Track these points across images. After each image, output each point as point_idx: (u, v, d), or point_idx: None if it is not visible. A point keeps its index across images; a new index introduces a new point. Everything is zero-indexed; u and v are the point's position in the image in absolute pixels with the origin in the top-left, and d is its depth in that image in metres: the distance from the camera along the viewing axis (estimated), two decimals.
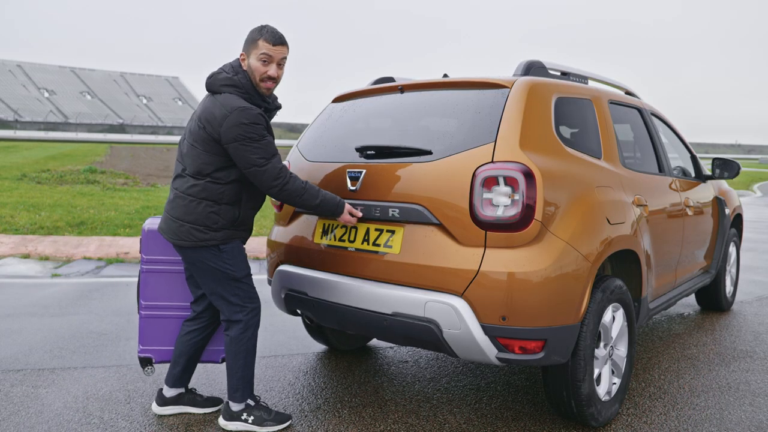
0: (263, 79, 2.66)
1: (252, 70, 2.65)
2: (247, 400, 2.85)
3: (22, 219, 8.75)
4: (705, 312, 5.13)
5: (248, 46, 2.67)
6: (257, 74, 2.65)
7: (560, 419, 3.00)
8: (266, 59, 2.64)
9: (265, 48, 2.62)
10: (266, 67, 2.65)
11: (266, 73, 2.65)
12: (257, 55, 2.63)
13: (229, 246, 2.74)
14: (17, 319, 4.57)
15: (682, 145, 4.55)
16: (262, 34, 2.63)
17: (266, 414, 2.84)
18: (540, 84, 2.88)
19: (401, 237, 2.74)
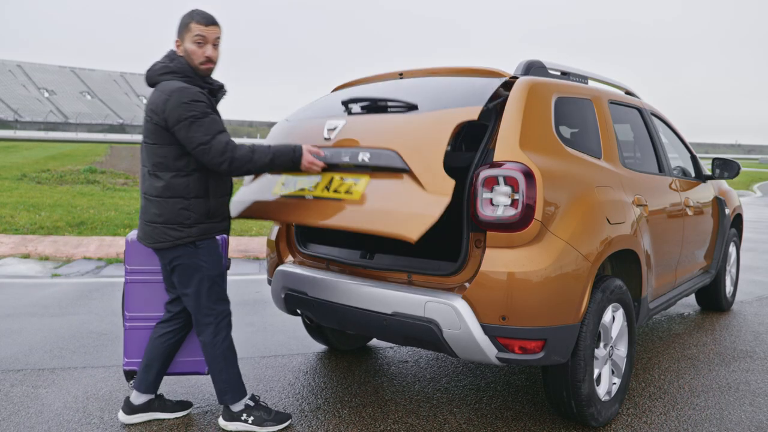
0: (202, 61, 2.65)
1: (189, 54, 2.64)
2: (243, 400, 2.83)
3: (22, 219, 8.75)
4: (705, 312, 5.13)
5: (181, 31, 2.67)
6: (195, 57, 2.64)
7: (560, 419, 3.00)
8: (201, 41, 2.63)
9: (198, 30, 2.63)
10: (202, 48, 2.64)
11: (204, 55, 2.64)
12: (192, 38, 2.63)
13: (206, 242, 2.71)
14: (17, 319, 4.57)
15: (682, 145, 4.55)
16: (193, 17, 2.64)
17: (266, 414, 2.83)
18: (540, 84, 2.88)
19: (365, 185, 2.65)
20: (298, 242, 3.28)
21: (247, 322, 4.60)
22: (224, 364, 2.80)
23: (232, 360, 2.83)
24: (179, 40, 2.68)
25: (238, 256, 7.15)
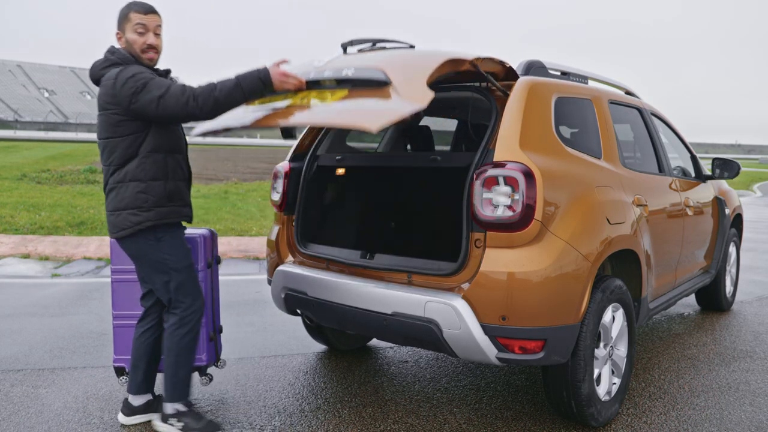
0: (144, 50, 2.62)
1: (131, 44, 2.62)
2: (177, 404, 2.74)
3: (22, 219, 8.75)
4: (705, 312, 5.13)
5: (122, 23, 2.64)
6: (137, 47, 2.61)
7: (560, 419, 3.00)
8: (142, 29, 2.61)
9: (137, 18, 2.61)
10: (143, 37, 2.61)
11: (145, 43, 2.62)
12: (132, 28, 2.61)
13: (167, 234, 2.67)
14: (17, 319, 4.57)
15: (682, 145, 4.55)
16: (131, 8, 2.63)
17: (195, 422, 2.72)
18: (540, 84, 2.88)
19: (342, 95, 2.56)
20: (298, 242, 3.29)
21: (247, 322, 4.60)
22: (175, 360, 2.73)
23: (186, 359, 2.74)
24: (120, 32, 2.65)
25: (238, 256, 7.15)
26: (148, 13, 2.63)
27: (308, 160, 3.41)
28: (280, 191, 3.40)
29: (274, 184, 3.48)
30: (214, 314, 3.16)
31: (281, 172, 3.41)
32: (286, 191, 3.37)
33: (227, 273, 6.43)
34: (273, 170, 3.51)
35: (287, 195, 3.37)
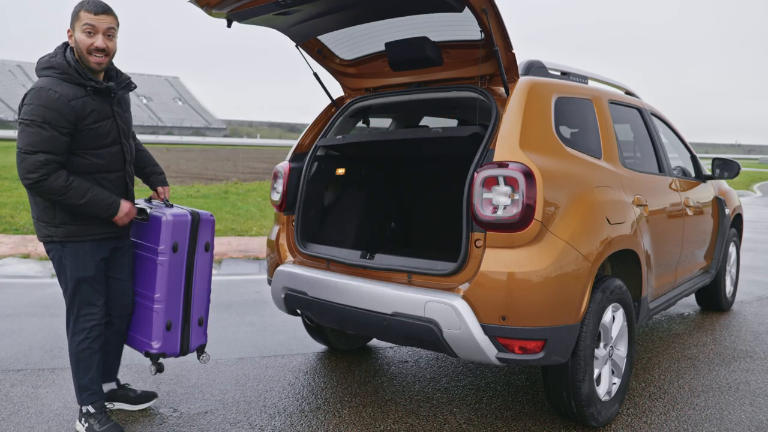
0: (90, 51, 2.49)
1: (78, 44, 2.49)
2: (87, 405, 2.74)
3: (22, 219, 8.75)
4: (705, 312, 5.13)
5: (72, 20, 2.51)
6: (83, 47, 2.48)
7: (560, 419, 3.00)
8: (90, 30, 2.47)
9: (87, 18, 2.46)
10: (91, 38, 2.48)
11: (93, 45, 2.48)
12: (80, 27, 2.47)
13: (74, 244, 2.61)
14: (17, 319, 4.57)
15: (682, 145, 4.55)
16: (82, 6, 2.49)
17: (98, 425, 2.70)
18: (540, 84, 2.88)
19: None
20: (298, 242, 3.29)
21: (247, 322, 4.60)
22: (74, 365, 2.73)
23: (83, 365, 2.71)
24: (70, 30, 2.52)
25: (238, 256, 7.15)
26: (100, 14, 2.49)
27: (308, 160, 3.41)
28: (280, 191, 3.40)
29: (274, 184, 3.48)
30: (188, 303, 2.89)
31: (281, 172, 3.42)
32: (286, 191, 3.37)
33: (227, 273, 6.43)
34: (273, 170, 3.51)
35: (287, 195, 3.37)
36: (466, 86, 3.02)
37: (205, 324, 3.01)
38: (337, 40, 3.35)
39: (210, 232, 2.94)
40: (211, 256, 2.98)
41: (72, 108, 2.46)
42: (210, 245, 2.94)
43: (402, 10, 2.94)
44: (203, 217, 2.89)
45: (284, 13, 2.87)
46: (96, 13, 2.48)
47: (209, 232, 2.93)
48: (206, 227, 2.91)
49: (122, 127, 2.69)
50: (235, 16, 2.85)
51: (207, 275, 2.97)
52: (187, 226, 2.82)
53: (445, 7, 2.74)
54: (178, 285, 2.84)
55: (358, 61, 3.46)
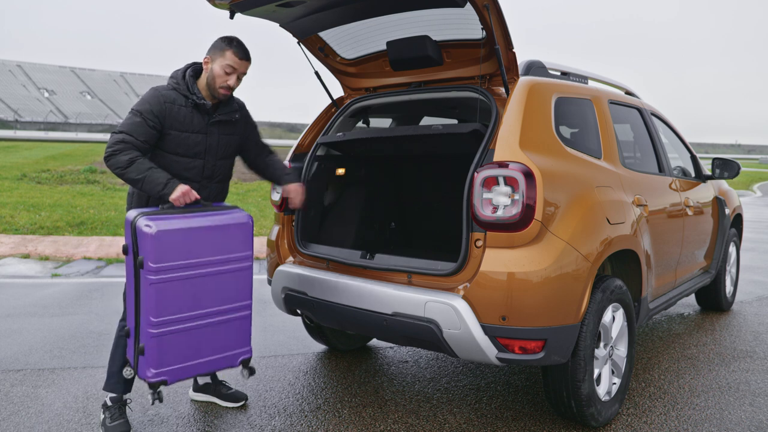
0: (222, 86, 2.74)
1: (213, 76, 2.73)
2: (107, 396, 2.83)
3: (22, 219, 8.75)
4: (705, 312, 5.13)
5: (215, 53, 2.74)
6: (218, 81, 2.73)
7: (560, 419, 3.00)
8: (230, 71, 2.73)
9: (231, 60, 2.72)
10: (228, 77, 2.73)
11: (227, 83, 2.73)
12: (222, 65, 2.72)
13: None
14: (17, 319, 4.57)
15: (682, 145, 4.55)
16: (232, 46, 2.73)
17: (110, 419, 2.78)
18: (540, 84, 2.88)
19: None
20: (298, 242, 3.29)
21: None
22: (113, 349, 2.85)
23: (119, 352, 2.82)
24: (209, 58, 2.75)
25: None
26: (243, 60, 2.74)
27: (308, 160, 3.41)
28: (280, 191, 3.40)
29: (274, 185, 3.48)
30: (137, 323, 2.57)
31: None
32: None
33: None
34: None
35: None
36: (466, 86, 3.02)
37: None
38: (339, 38, 3.35)
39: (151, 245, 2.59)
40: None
41: (164, 107, 2.67)
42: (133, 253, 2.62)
43: (405, 6, 2.94)
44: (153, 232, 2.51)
45: (286, 5, 2.88)
46: (241, 58, 2.74)
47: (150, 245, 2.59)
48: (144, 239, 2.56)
49: (212, 146, 2.82)
50: (237, 6, 2.87)
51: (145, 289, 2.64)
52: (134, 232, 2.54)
53: (447, 3, 2.74)
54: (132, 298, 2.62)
55: (358, 60, 3.46)
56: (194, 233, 2.57)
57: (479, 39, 2.83)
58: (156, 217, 2.51)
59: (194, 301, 2.60)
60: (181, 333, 2.57)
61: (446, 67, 3.15)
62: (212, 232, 2.62)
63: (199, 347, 2.63)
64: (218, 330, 2.68)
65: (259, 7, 2.89)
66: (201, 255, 2.59)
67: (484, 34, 2.76)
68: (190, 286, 2.57)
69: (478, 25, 2.70)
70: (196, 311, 2.61)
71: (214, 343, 2.68)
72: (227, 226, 2.66)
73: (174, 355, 2.56)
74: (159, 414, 3.00)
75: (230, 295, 2.70)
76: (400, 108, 3.91)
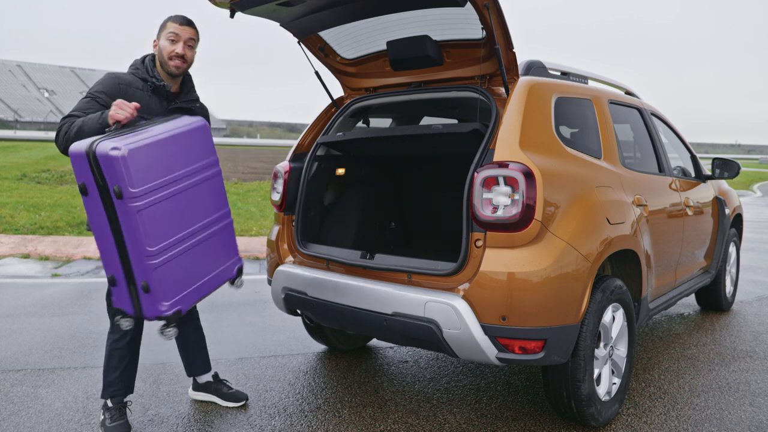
0: (171, 57, 2.76)
1: (161, 50, 2.77)
2: (108, 398, 2.82)
3: (22, 219, 8.75)
4: (705, 312, 5.13)
5: (159, 31, 2.81)
6: (165, 53, 2.76)
7: (560, 419, 3.00)
8: (174, 38, 2.76)
9: (172, 28, 2.76)
10: (174, 45, 2.75)
11: (174, 51, 2.75)
12: (165, 35, 2.77)
13: None
14: (17, 319, 4.57)
15: (682, 145, 4.55)
16: (170, 18, 2.80)
17: (109, 420, 2.78)
18: (540, 84, 2.88)
19: None
20: (298, 242, 3.29)
21: (247, 322, 4.60)
22: (105, 360, 2.84)
23: (112, 364, 2.80)
24: (156, 39, 2.82)
25: None
26: (184, 25, 2.78)
27: (308, 160, 3.41)
28: (280, 191, 3.40)
29: (274, 184, 3.48)
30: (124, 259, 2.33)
31: (281, 172, 3.42)
32: (286, 191, 3.37)
33: None
34: (273, 170, 3.51)
35: (287, 195, 3.37)
36: (466, 86, 3.02)
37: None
38: (339, 38, 3.35)
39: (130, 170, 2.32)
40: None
41: (118, 88, 2.68)
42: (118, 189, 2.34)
43: (405, 6, 2.94)
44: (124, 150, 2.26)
45: (287, 4, 2.89)
46: (181, 24, 2.78)
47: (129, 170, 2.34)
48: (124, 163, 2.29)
49: None
50: (238, 5, 2.88)
51: (130, 224, 2.39)
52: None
53: (447, 2, 2.74)
54: (106, 234, 2.38)
55: (358, 60, 3.46)
56: (164, 145, 2.35)
57: (479, 39, 2.83)
58: (116, 137, 2.23)
59: (183, 219, 2.42)
60: (181, 256, 2.41)
61: (446, 67, 3.15)
62: (179, 141, 2.42)
63: (198, 267, 2.51)
64: (210, 245, 2.55)
65: (260, 6, 2.89)
66: (176, 168, 2.39)
67: (484, 34, 2.76)
68: (176, 204, 2.38)
69: (478, 24, 2.70)
70: (187, 229, 2.44)
71: (209, 259, 2.56)
72: (191, 131, 2.48)
73: (180, 281, 2.42)
74: (159, 414, 3.00)
75: (211, 205, 2.57)
76: (400, 108, 3.91)
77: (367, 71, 3.48)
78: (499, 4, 2.56)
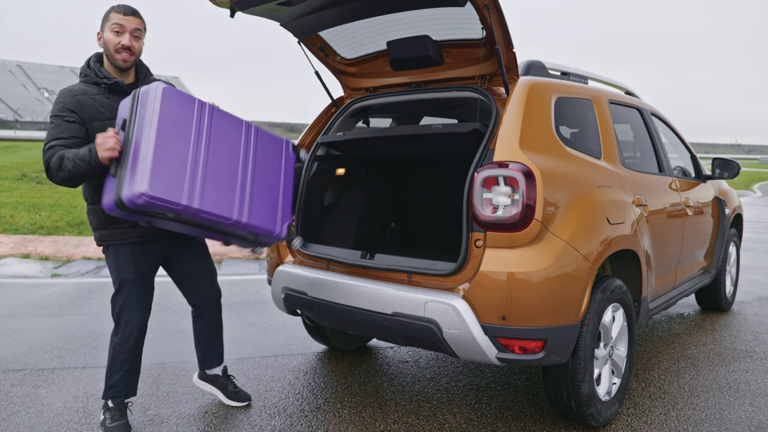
0: (117, 50, 2.63)
1: (106, 43, 2.64)
2: (109, 399, 2.80)
3: (22, 219, 8.75)
4: (705, 312, 5.13)
5: (102, 23, 2.67)
6: (111, 46, 2.63)
7: (560, 419, 3.00)
8: (118, 29, 2.62)
9: (116, 18, 2.62)
10: (119, 37, 2.62)
11: (120, 43, 2.62)
12: (109, 27, 2.63)
13: (113, 247, 2.69)
14: (17, 319, 4.57)
15: (682, 145, 4.55)
16: (113, 8, 2.65)
17: (110, 420, 2.77)
18: (540, 84, 2.88)
19: None
20: None
21: (247, 322, 4.60)
22: (108, 362, 2.80)
23: (115, 366, 2.77)
24: (100, 32, 2.67)
25: (238, 256, 7.15)
26: (128, 15, 2.64)
27: (308, 160, 3.41)
28: None
29: None
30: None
31: None
32: None
33: (227, 273, 6.43)
34: None
35: None
36: (466, 86, 3.02)
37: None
38: (339, 38, 3.35)
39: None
40: None
41: (75, 99, 2.57)
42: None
43: (405, 5, 2.94)
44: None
45: (287, 4, 2.88)
46: (125, 14, 2.64)
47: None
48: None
49: None
50: (238, 4, 2.86)
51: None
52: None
53: (447, 2, 2.74)
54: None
55: (358, 60, 3.46)
56: (161, 153, 2.33)
57: (479, 39, 2.83)
58: (125, 177, 2.29)
59: (229, 168, 2.63)
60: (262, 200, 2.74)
61: (446, 67, 3.15)
62: (167, 131, 2.38)
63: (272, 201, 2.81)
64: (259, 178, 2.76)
65: (260, 6, 2.89)
66: (184, 153, 2.43)
67: (485, 34, 2.76)
68: (214, 169, 2.55)
69: (478, 24, 2.70)
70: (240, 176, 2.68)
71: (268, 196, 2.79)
72: (163, 106, 2.40)
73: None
74: (159, 414, 3.00)
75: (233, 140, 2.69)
76: (400, 108, 3.91)
77: (367, 71, 3.48)
78: (499, 4, 2.56)
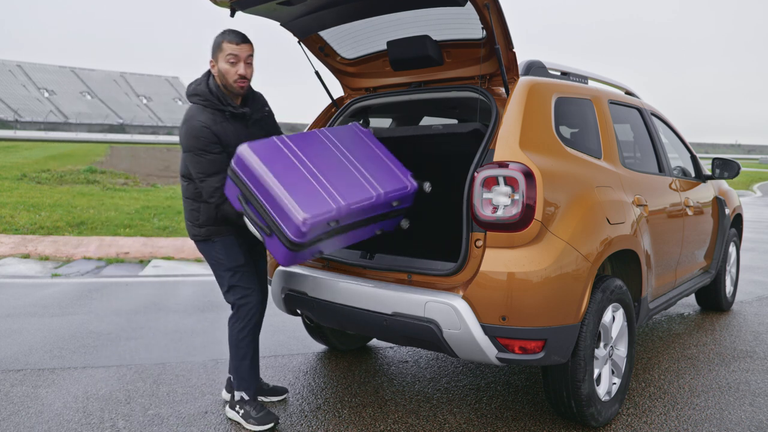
0: (235, 79, 2.74)
1: (223, 74, 2.74)
2: (243, 391, 2.92)
3: (22, 219, 8.75)
4: (705, 312, 5.13)
5: (215, 52, 2.76)
6: (229, 77, 2.74)
7: (560, 419, 3.00)
8: (233, 60, 2.72)
9: (230, 49, 2.72)
10: (235, 67, 2.73)
11: (237, 73, 2.73)
12: (224, 58, 2.73)
13: (221, 238, 2.86)
14: (17, 319, 4.57)
15: (682, 145, 4.55)
16: (224, 37, 2.74)
17: (254, 411, 2.88)
18: (540, 84, 2.88)
19: None
20: None
21: None
22: (232, 352, 2.93)
23: (241, 352, 2.91)
24: (213, 60, 2.77)
25: None
26: (241, 44, 2.73)
27: None
28: None
29: None
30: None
31: None
32: None
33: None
34: None
35: None
36: (466, 86, 3.02)
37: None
38: (339, 38, 3.35)
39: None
40: None
41: (214, 133, 2.70)
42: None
43: (405, 5, 2.94)
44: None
45: (287, 3, 2.88)
46: (238, 43, 2.73)
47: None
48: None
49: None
50: (238, 4, 2.87)
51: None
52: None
53: (447, 2, 2.74)
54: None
55: (359, 60, 3.46)
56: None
57: (479, 39, 2.83)
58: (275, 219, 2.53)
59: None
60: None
61: (446, 67, 3.15)
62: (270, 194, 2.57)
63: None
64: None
65: (260, 6, 2.89)
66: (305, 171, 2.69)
67: (485, 34, 2.76)
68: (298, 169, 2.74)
69: (478, 24, 2.70)
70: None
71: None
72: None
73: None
74: (159, 414, 3.00)
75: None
76: (400, 108, 3.91)
77: (367, 71, 3.48)
78: (499, 4, 2.56)
